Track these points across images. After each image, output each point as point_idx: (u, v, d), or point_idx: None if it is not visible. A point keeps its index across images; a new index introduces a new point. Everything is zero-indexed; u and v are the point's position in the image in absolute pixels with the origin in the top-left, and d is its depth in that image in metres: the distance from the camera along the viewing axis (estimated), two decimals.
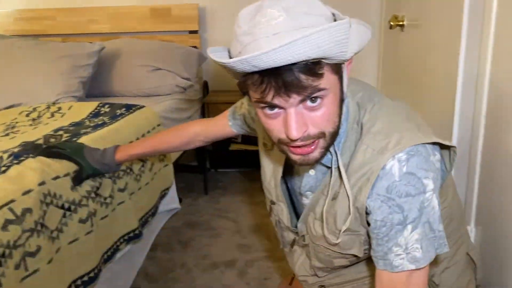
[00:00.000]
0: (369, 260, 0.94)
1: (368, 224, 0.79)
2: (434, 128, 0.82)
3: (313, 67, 0.64)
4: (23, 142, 1.29)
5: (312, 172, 0.89)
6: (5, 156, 1.10)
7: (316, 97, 0.67)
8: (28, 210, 0.92)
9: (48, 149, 1.14)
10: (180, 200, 2.10)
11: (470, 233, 1.21)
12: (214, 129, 1.18)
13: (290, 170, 0.96)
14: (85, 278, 1.11)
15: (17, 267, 0.87)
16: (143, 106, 1.71)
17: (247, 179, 2.67)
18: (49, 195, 1.02)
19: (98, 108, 1.65)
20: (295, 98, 0.65)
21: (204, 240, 1.96)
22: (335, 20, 0.66)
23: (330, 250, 0.89)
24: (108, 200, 1.24)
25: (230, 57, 0.71)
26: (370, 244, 0.82)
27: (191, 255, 1.83)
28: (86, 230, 1.11)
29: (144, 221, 1.47)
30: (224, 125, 1.16)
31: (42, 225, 0.96)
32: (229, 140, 2.69)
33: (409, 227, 0.74)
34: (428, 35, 1.57)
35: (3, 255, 0.83)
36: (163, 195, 1.71)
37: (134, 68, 2.16)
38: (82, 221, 1.10)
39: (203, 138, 1.20)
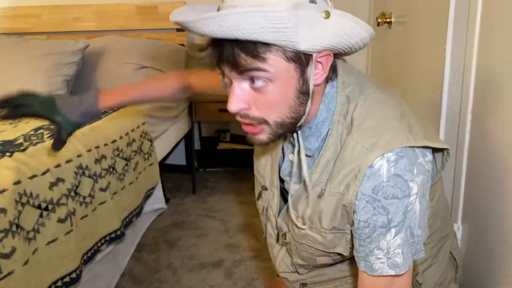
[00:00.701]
0: (352, 259, 0.92)
1: (352, 223, 0.77)
2: None
3: (255, 48, 0.63)
4: (1, 141, 1.25)
5: (291, 157, 0.86)
6: None
7: (257, 78, 0.66)
8: (2, 211, 0.89)
9: (13, 109, 0.95)
10: (168, 200, 2.08)
11: (457, 230, 1.20)
12: (210, 82, 1.07)
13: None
14: (66, 279, 1.08)
15: None
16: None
17: (235, 178, 2.65)
18: (25, 194, 0.98)
19: None
20: (233, 72, 0.66)
21: (191, 240, 1.93)
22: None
23: (314, 248, 0.86)
24: (88, 200, 1.22)
25: None
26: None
27: (177, 255, 1.81)
28: (66, 230, 1.08)
29: (128, 222, 1.44)
30: (219, 80, 1.04)
31: (17, 226, 0.93)
32: (217, 139, 2.66)
33: (393, 231, 0.72)
34: (415, 31, 1.56)
35: None
36: (148, 195, 1.68)
37: (119, 66, 2.12)
38: (61, 220, 1.07)
39: (194, 91, 1.11)
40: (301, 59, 0.67)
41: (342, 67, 0.79)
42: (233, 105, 0.68)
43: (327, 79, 0.75)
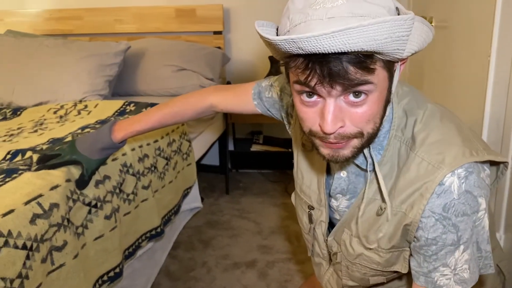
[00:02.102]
0: (402, 276, 0.90)
1: (415, 238, 0.74)
2: None
3: (365, 60, 0.58)
4: (51, 138, 1.31)
5: (343, 173, 0.83)
6: (35, 156, 1.12)
7: (360, 92, 0.61)
8: (55, 205, 0.94)
9: (45, 161, 1.05)
10: (202, 200, 2.11)
11: (499, 240, 1.17)
12: (234, 103, 1.06)
13: None
14: (111, 274, 1.12)
15: (43, 260, 0.88)
16: None
17: (268, 180, 2.67)
18: (75, 192, 1.03)
19: (124, 106, 1.67)
20: (338, 89, 0.60)
21: (225, 240, 1.96)
22: (398, 15, 0.60)
23: (369, 268, 0.84)
24: (131, 197, 1.26)
25: (278, 35, 0.65)
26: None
27: (212, 255, 1.84)
28: (111, 226, 1.13)
29: (167, 219, 1.48)
30: (246, 102, 1.04)
31: (68, 221, 0.97)
32: (250, 141, 2.69)
33: (462, 247, 0.70)
34: (457, 37, 1.53)
35: (31, 248, 0.84)
36: (186, 194, 1.72)
37: (159, 68, 2.18)
38: (107, 217, 1.11)
39: (219, 110, 1.08)
40: (392, 67, 0.65)
41: None
42: (332, 126, 0.62)
43: None
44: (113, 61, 2.02)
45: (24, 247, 0.83)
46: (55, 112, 1.65)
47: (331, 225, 0.94)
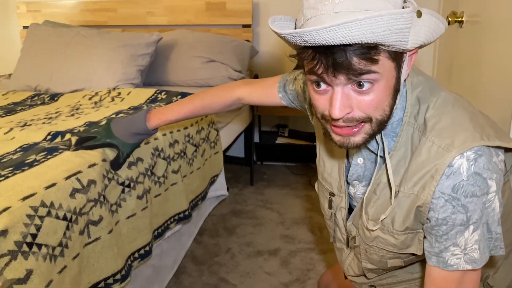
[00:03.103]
0: (423, 261, 0.92)
1: (427, 220, 0.77)
2: None
3: (368, 51, 0.62)
4: (87, 122, 1.38)
5: (360, 160, 0.87)
6: (73, 138, 1.18)
7: (364, 82, 0.65)
8: (92, 182, 0.99)
9: (82, 143, 1.12)
10: (227, 189, 2.16)
11: None
12: (261, 96, 1.11)
13: None
14: (141, 252, 1.17)
15: (81, 233, 0.94)
16: None
17: (292, 173, 2.69)
18: (110, 171, 1.08)
19: (155, 94, 1.72)
20: (342, 78, 0.65)
21: (249, 229, 2.00)
22: (403, 8, 0.64)
23: (385, 250, 0.87)
24: (161, 180, 1.31)
25: (295, 29, 0.71)
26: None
27: (236, 242, 1.88)
28: (142, 206, 1.18)
29: (194, 204, 1.53)
30: (272, 95, 1.10)
31: (104, 197, 1.03)
32: (276, 134, 2.72)
33: (471, 228, 0.72)
34: (489, 32, 1.52)
35: (70, 220, 0.90)
36: (212, 181, 1.76)
37: (189, 59, 2.23)
38: (139, 197, 1.16)
39: (246, 103, 1.14)
40: (400, 58, 0.68)
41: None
42: (339, 111, 0.67)
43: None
44: (145, 51, 2.09)
45: (64, 218, 0.88)
46: (90, 99, 1.72)
47: (350, 211, 0.97)
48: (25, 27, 2.89)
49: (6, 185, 0.88)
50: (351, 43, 0.60)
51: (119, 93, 1.74)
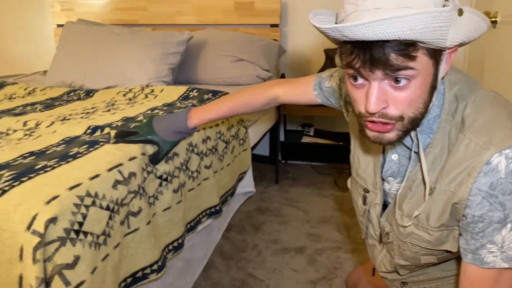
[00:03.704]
0: (457, 259, 0.92)
1: (463, 217, 0.77)
2: None
3: (406, 48, 0.63)
4: (124, 117, 1.42)
5: (394, 156, 0.87)
6: (112, 132, 1.22)
7: (401, 78, 0.66)
8: (133, 174, 1.03)
9: (123, 136, 1.16)
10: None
11: None
12: (296, 94, 1.13)
13: None
14: (175, 244, 1.20)
15: (122, 223, 0.97)
16: (227, 93, 1.80)
17: (316, 172, 2.70)
18: (149, 165, 1.12)
19: (187, 92, 1.76)
20: (379, 73, 0.66)
21: (275, 226, 2.02)
22: (444, 6, 0.65)
23: (419, 247, 0.87)
24: (194, 174, 1.34)
25: (336, 23, 0.72)
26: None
27: (262, 239, 1.90)
28: (177, 199, 1.21)
29: (224, 199, 1.56)
30: (307, 92, 1.12)
31: (143, 190, 1.06)
32: (301, 133, 2.73)
33: (509, 226, 0.72)
34: None
35: (113, 210, 0.93)
36: (240, 178, 1.79)
37: (218, 58, 2.26)
38: (174, 191, 1.19)
39: (281, 101, 1.16)
40: (438, 55, 0.69)
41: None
42: (374, 105, 0.68)
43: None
44: (176, 50, 2.13)
45: (107, 208, 0.92)
46: (124, 95, 1.77)
47: (384, 207, 0.97)
48: (58, 25, 2.98)
49: (53, 175, 0.92)
50: (389, 39, 0.61)
51: (152, 90, 1.78)
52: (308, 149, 2.72)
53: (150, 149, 1.14)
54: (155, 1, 2.76)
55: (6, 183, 0.88)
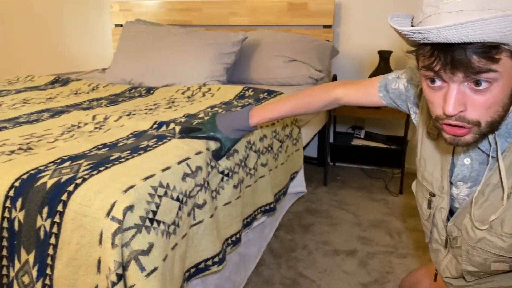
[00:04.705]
0: None
1: None
2: None
3: (489, 50, 0.62)
4: (186, 114, 1.47)
5: (467, 161, 0.85)
6: (177, 127, 1.27)
7: (482, 81, 0.65)
8: (199, 168, 1.06)
9: (187, 132, 1.20)
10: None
11: None
12: (359, 95, 1.12)
13: None
14: (233, 238, 1.23)
15: (189, 214, 1.01)
16: (282, 93, 1.82)
17: (367, 176, 2.66)
18: (212, 160, 1.15)
19: (243, 91, 1.79)
20: (460, 76, 0.65)
21: (324, 228, 2.01)
22: None
23: (490, 253, 0.85)
24: (252, 172, 1.36)
25: (412, 25, 0.72)
26: None
27: (312, 239, 1.90)
28: (237, 195, 1.24)
29: (277, 198, 1.57)
30: (371, 94, 1.10)
31: (208, 183, 1.09)
32: (351, 135, 2.70)
33: None
34: None
35: (182, 201, 0.97)
36: (292, 177, 1.80)
37: (271, 58, 2.28)
38: (234, 186, 1.22)
39: (343, 103, 1.15)
40: None
41: None
42: (453, 108, 0.67)
43: None
44: (231, 50, 2.17)
45: (177, 199, 0.95)
46: (183, 93, 1.82)
47: (450, 212, 0.95)
48: (116, 25, 3.10)
49: (128, 166, 0.97)
50: (473, 41, 0.60)
51: (209, 89, 1.83)
52: (358, 151, 2.70)
53: (213, 145, 1.17)
54: (209, 2, 2.82)
55: (86, 172, 0.93)
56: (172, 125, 1.29)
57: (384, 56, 2.37)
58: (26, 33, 3.56)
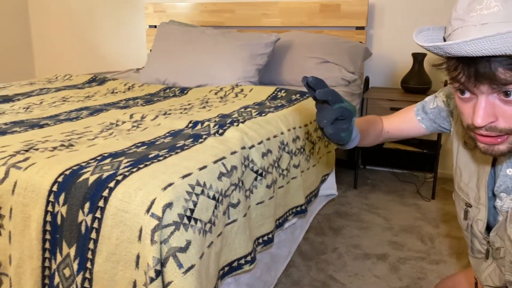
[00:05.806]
0: None
1: None
2: None
3: (510, 62, 0.61)
4: (220, 113, 1.48)
5: (509, 171, 0.83)
6: (211, 124, 1.29)
7: (511, 91, 0.64)
8: (234, 167, 1.07)
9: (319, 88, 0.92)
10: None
11: None
12: (398, 122, 1.11)
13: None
14: (265, 238, 1.24)
15: (224, 213, 1.02)
16: None
17: (397, 180, 2.62)
18: (247, 159, 1.16)
19: (276, 92, 1.79)
20: (485, 88, 0.65)
21: (355, 231, 1.99)
22: None
23: None
24: (284, 173, 1.36)
25: (444, 37, 0.73)
26: None
27: (342, 242, 1.89)
28: (270, 195, 1.24)
29: (308, 200, 1.57)
30: (409, 119, 1.10)
31: (242, 183, 1.10)
32: None
33: None
34: None
35: (218, 200, 0.98)
36: (323, 179, 1.79)
37: (303, 60, 2.28)
38: (268, 186, 1.23)
39: (385, 133, 1.12)
40: None
41: None
42: (482, 119, 0.67)
43: None
44: (264, 51, 2.18)
45: (213, 198, 0.97)
46: (215, 93, 1.84)
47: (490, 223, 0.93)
48: (150, 26, 3.16)
49: (166, 164, 0.99)
50: (494, 54, 0.60)
51: (242, 90, 1.84)
52: (389, 155, 2.66)
53: (249, 142, 1.18)
54: (243, 4, 2.84)
55: (126, 169, 0.96)
56: (206, 124, 1.30)
57: (418, 58, 2.33)
58: (63, 33, 3.68)
